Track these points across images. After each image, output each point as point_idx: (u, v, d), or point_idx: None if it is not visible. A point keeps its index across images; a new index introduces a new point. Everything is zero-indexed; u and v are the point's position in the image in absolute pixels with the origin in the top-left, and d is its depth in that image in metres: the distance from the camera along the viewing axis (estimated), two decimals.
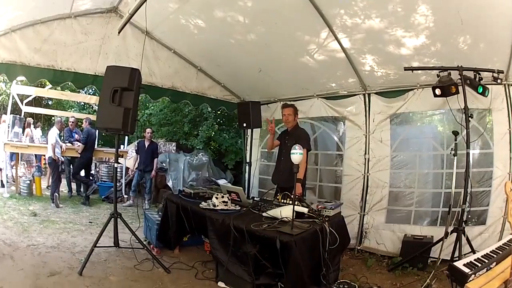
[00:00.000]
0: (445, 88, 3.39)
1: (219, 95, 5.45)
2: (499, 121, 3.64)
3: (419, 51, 3.52)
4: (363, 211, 4.31)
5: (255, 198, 3.90)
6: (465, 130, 3.32)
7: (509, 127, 3.59)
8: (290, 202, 3.06)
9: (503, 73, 3.36)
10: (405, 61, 3.64)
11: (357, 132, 4.44)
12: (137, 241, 3.61)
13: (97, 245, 3.29)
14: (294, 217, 2.76)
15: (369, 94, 4.34)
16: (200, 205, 3.45)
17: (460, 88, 3.29)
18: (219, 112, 7.89)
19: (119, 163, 4.94)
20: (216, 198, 3.40)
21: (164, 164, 7.23)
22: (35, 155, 8.05)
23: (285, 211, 2.93)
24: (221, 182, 5.93)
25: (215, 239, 3.14)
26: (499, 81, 3.38)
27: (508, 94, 3.62)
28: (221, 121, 8.14)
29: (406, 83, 4.01)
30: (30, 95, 8.87)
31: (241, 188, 3.62)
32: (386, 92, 4.24)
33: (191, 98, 5.16)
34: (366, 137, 4.37)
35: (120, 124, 3.16)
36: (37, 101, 10.76)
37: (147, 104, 8.81)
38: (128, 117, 3.21)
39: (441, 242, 3.31)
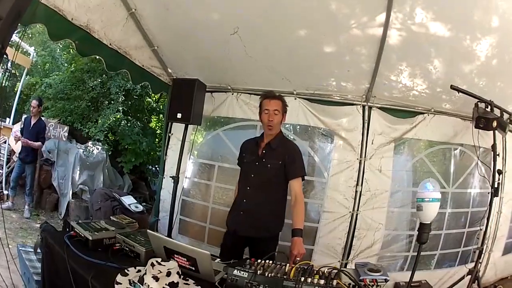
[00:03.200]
0: (490, 121, 2.98)
1: (146, 62, 3.53)
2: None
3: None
4: (345, 259, 3.35)
5: (218, 260, 2.20)
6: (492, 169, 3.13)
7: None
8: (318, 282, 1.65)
9: None
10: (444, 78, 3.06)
11: (348, 154, 3.39)
12: None
13: None
14: None
15: (370, 108, 3.35)
16: (118, 287, 1.58)
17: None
18: (133, 91, 5.85)
19: None
20: (154, 278, 1.52)
21: (51, 155, 5.58)
22: None
23: None
24: (127, 200, 4.05)
25: None
26: None
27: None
28: (128, 110, 6.12)
29: (420, 105, 3.43)
30: None
31: (207, 253, 1.76)
32: (392, 110, 3.40)
33: (108, 54, 3.23)
34: (360, 163, 3.34)
35: None
36: None
37: (46, 71, 6.33)
38: None
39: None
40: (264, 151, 2.47)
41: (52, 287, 2.02)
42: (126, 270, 1.70)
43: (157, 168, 7.08)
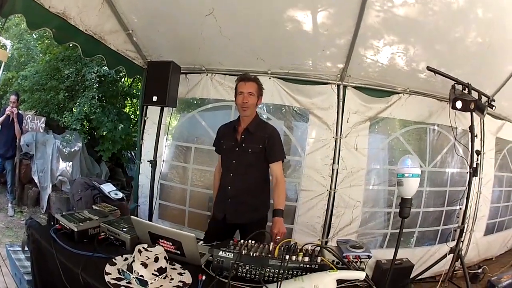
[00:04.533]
0: (467, 103, 3.07)
1: (121, 47, 3.52)
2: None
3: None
4: (325, 237, 3.36)
5: (201, 243, 2.23)
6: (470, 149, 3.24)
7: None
8: (303, 258, 1.64)
9: (494, 101, 3.39)
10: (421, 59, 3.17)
11: (324, 133, 3.41)
12: None
13: None
14: None
15: (345, 87, 3.38)
16: (107, 277, 1.54)
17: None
18: (107, 77, 5.81)
19: None
20: (143, 265, 1.53)
21: (29, 148, 5.49)
22: None
23: (325, 284, 1.53)
24: (106, 188, 4.02)
25: None
26: (494, 108, 3.41)
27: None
28: (103, 96, 6.02)
29: (395, 84, 3.48)
30: None
31: (192, 235, 1.74)
32: (367, 89, 3.43)
33: (84, 40, 3.22)
34: (336, 142, 3.36)
35: None
36: None
37: (22, 64, 6.18)
38: None
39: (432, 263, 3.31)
40: (243, 136, 2.44)
41: (44, 285, 1.96)
42: (113, 259, 1.68)
43: (133, 154, 7.02)
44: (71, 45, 3.77)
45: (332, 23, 2.92)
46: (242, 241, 1.79)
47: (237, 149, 2.44)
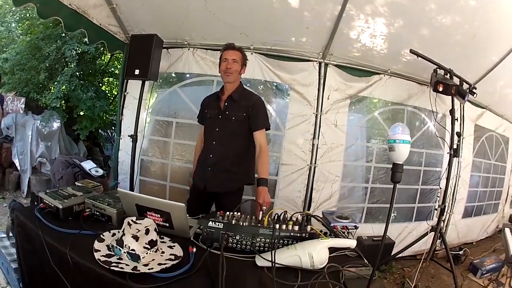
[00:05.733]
0: (449, 87, 3.15)
1: (103, 21, 3.51)
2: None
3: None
4: (306, 211, 3.39)
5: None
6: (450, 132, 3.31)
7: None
8: (292, 226, 1.66)
9: (476, 88, 3.47)
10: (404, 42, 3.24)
11: (305, 108, 3.47)
12: None
13: None
14: None
15: (326, 64, 3.45)
16: (97, 255, 1.47)
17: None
18: (85, 55, 5.73)
19: None
20: (134, 238, 1.47)
21: (10, 131, 5.27)
22: None
23: (318, 251, 1.55)
24: (87, 165, 4.00)
25: None
26: (475, 95, 3.49)
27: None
28: (82, 74, 5.90)
29: (377, 65, 3.54)
30: None
31: (182, 205, 1.69)
32: (348, 68, 3.51)
33: (67, 14, 3.21)
34: (316, 117, 3.43)
35: None
36: None
37: (2, 46, 6.04)
38: None
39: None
40: (226, 104, 2.45)
41: (30, 270, 1.85)
42: (101, 236, 1.62)
43: (109, 133, 6.96)
44: (52, 19, 3.75)
45: (318, 1, 2.97)
46: (228, 212, 1.77)
47: (220, 117, 2.46)
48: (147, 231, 1.50)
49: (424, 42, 3.20)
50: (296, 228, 1.64)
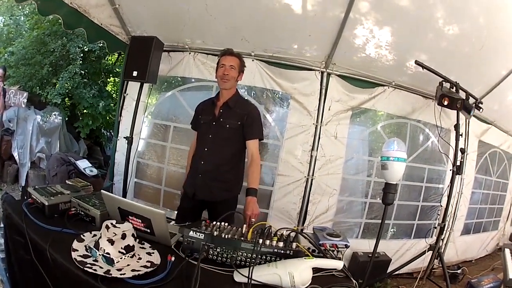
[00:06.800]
0: (454, 101, 3.02)
1: (105, 21, 3.45)
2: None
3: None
4: (301, 224, 3.30)
5: (173, 223, 2.15)
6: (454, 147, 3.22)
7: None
8: (279, 243, 1.56)
9: (482, 103, 3.38)
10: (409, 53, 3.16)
11: (304, 119, 3.35)
12: None
13: None
14: None
15: (329, 74, 3.32)
16: (74, 254, 1.44)
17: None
18: (90, 53, 5.72)
19: None
20: (110, 242, 1.44)
21: (11, 124, 5.33)
22: None
23: (300, 271, 1.43)
24: (82, 164, 3.94)
25: None
26: (481, 110, 3.39)
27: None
28: (86, 73, 5.90)
29: (381, 76, 3.43)
30: None
31: (161, 212, 1.65)
32: (351, 78, 3.38)
33: (67, 13, 3.18)
34: (316, 128, 3.31)
35: None
36: None
37: (11, 40, 6.04)
38: None
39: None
40: (221, 111, 2.38)
41: (20, 262, 1.86)
42: (82, 236, 1.60)
43: (112, 133, 7.00)
44: (52, 17, 3.69)
45: (321, 8, 2.88)
46: (214, 222, 1.69)
47: (214, 123, 2.38)
48: (123, 236, 1.47)
49: (431, 54, 3.09)
50: (281, 244, 1.53)
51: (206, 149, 2.38)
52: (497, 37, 2.92)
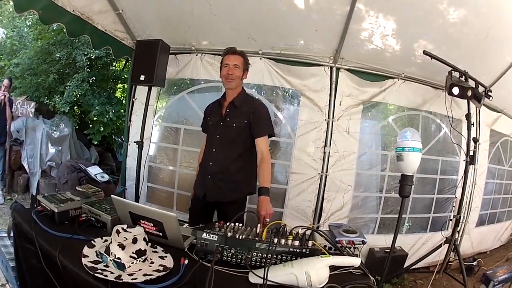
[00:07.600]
0: (465, 90, 2.96)
1: (109, 27, 3.42)
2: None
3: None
4: (316, 222, 3.24)
5: (186, 226, 2.10)
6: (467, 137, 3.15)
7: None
8: (292, 241, 1.50)
9: (491, 91, 3.32)
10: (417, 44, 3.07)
11: (316, 115, 3.29)
12: None
13: None
14: None
15: (338, 69, 3.26)
16: (84, 260, 1.41)
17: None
18: (97, 61, 5.68)
19: None
20: (120, 246, 1.40)
21: (19, 134, 5.29)
22: None
23: (317, 270, 1.38)
24: (93, 170, 3.90)
25: None
26: (491, 98, 3.32)
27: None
28: (93, 80, 5.85)
29: (389, 69, 3.37)
30: None
31: (173, 215, 1.60)
32: (360, 72, 3.32)
33: (70, 20, 3.13)
34: (328, 124, 3.25)
35: None
36: None
37: (15, 52, 6.03)
38: None
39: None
40: (227, 110, 2.33)
41: (30, 270, 1.81)
42: (92, 241, 1.57)
43: (123, 139, 7.03)
44: (55, 26, 3.65)
45: (326, 2, 2.81)
46: (228, 223, 1.64)
47: (221, 123, 2.33)
48: (134, 240, 1.42)
49: (438, 43, 3.02)
50: (297, 243, 1.48)
51: (214, 150, 2.34)
52: (502, 25, 2.85)
